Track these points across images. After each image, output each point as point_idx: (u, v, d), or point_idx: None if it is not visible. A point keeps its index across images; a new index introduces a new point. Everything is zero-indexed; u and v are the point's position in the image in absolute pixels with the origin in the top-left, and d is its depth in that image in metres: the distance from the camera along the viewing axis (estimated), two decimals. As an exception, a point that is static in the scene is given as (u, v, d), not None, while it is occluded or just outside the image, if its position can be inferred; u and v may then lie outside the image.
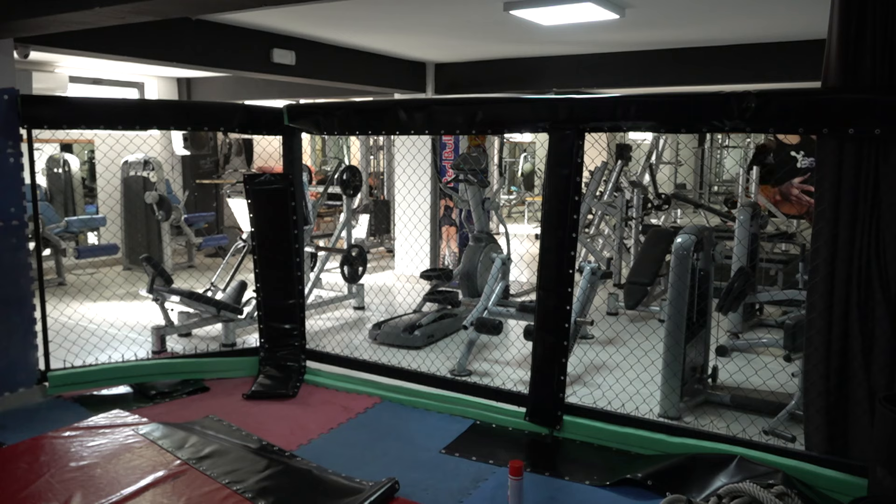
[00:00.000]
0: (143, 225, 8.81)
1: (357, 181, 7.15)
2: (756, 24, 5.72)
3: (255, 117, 4.85)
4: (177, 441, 3.67)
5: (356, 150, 12.26)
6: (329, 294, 7.15)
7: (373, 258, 9.56)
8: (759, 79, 6.51)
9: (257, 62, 6.20)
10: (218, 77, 9.16)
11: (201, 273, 8.22)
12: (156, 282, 5.72)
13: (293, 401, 4.49)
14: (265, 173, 4.98)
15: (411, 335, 5.64)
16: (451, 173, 7.35)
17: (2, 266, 4.18)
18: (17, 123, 4.21)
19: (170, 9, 3.62)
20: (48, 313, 4.56)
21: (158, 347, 5.50)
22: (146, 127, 4.71)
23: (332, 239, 7.44)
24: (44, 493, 3.15)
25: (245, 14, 5.37)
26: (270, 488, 3.21)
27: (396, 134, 4.50)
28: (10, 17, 3.67)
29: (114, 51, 5.18)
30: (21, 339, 4.33)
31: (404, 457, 3.68)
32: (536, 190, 15.71)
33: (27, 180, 4.31)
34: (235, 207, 8.37)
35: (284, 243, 4.85)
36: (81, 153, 9.55)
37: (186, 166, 10.30)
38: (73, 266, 8.68)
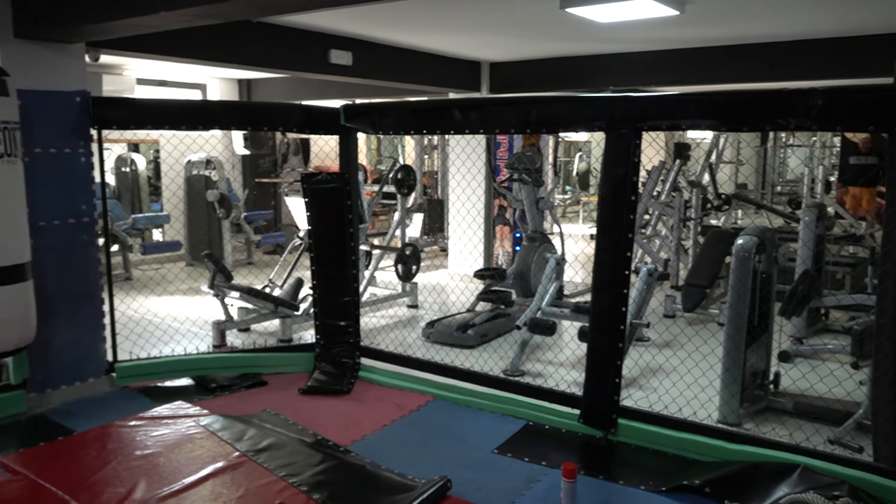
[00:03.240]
0: (205, 222, 9.06)
1: (411, 180, 7.20)
2: (821, 19, 5.52)
3: (312, 117, 4.93)
4: (236, 433, 3.77)
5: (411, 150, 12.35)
6: (383, 292, 7.22)
7: (426, 257, 9.60)
8: (823, 75, 6.27)
9: (315, 63, 6.30)
10: (277, 78, 9.35)
11: (260, 270, 8.41)
12: (216, 278, 5.89)
13: (347, 397, 4.55)
14: (322, 172, 5.06)
15: (464, 334, 5.65)
16: (505, 173, 7.33)
17: (73, 261, 4.36)
18: (89, 124, 4.39)
19: (232, 12, 3.71)
20: (115, 307, 4.74)
21: (219, 342, 5.65)
22: (208, 127, 4.86)
23: (386, 237, 7.51)
24: (111, 479, 3.27)
25: (304, 16, 5.46)
26: (325, 482, 3.27)
27: (451, 133, 4.52)
28: (82, 22, 3.83)
29: (178, 53, 5.34)
30: (90, 331, 4.52)
31: (457, 456, 3.68)
32: (592, 189, 15.51)
33: (97, 179, 4.50)
34: (293, 206, 8.54)
35: (340, 241, 4.92)
36: (147, 153, 9.88)
37: (246, 165, 10.55)
38: (139, 262, 9.00)
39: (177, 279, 7.90)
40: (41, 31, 4.03)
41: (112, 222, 7.86)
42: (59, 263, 4.28)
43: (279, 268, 7.05)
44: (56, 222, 4.24)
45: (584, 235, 11.48)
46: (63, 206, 4.28)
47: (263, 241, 9.49)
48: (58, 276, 4.27)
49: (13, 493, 3.18)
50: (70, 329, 4.38)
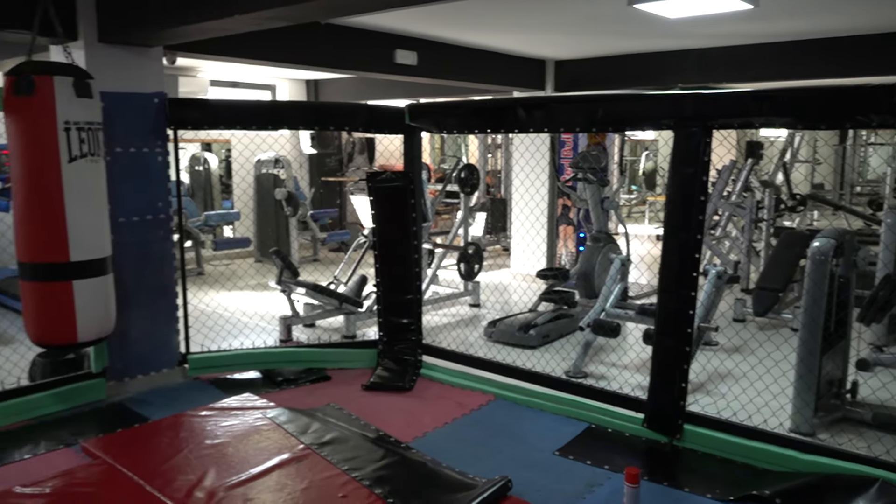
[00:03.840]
0: (273, 220, 9.30)
1: (475, 179, 7.20)
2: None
3: (377, 117, 4.99)
4: (301, 426, 3.85)
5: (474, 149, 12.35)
6: (445, 291, 7.25)
7: (489, 256, 9.59)
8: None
9: (381, 63, 6.38)
10: (343, 78, 9.50)
11: (325, 267, 8.57)
12: (284, 274, 6.03)
13: (409, 394, 4.59)
14: (386, 171, 5.12)
15: (526, 334, 5.62)
16: (569, 172, 7.25)
17: (150, 256, 4.55)
18: (165, 124, 4.57)
19: (302, 14, 3.79)
20: (188, 301, 4.92)
21: (285, 336, 5.79)
22: (277, 127, 4.98)
23: (449, 236, 7.54)
24: (183, 466, 3.40)
25: (370, 17, 5.53)
26: (387, 478, 3.31)
27: (515, 132, 4.52)
28: (161, 27, 3.99)
29: (249, 55, 5.49)
30: (165, 323, 4.70)
31: (517, 456, 3.67)
32: (658, 189, 15.17)
33: (173, 177, 4.68)
34: (358, 204, 8.67)
35: (404, 240, 4.97)
36: (219, 152, 10.20)
37: (313, 164, 10.77)
38: (211, 257, 9.30)
39: (246, 275, 8.14)
40: (123, 36, 4.22)
41: (186, 219, 8.16)
42: (137, 258, 4.47)
43: (344, 265, 7.17)
44: (135, 219, 4.44)
45: (650, 236, 11.25)
46: (141, 204, 4.47)
47: (329, 239, 9.67)
48: (135, 270, 4.46)
49: (93, 477, 3.34)
50: (146, 321, 4.57)
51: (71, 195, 3.66)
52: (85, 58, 4.17)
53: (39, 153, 3.61)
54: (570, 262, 8.06)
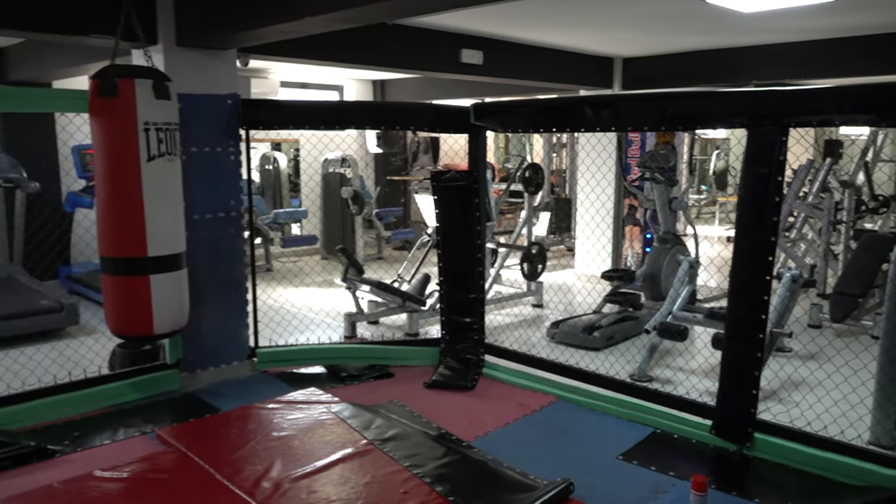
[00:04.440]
0: (339, 218, 9.47)
1: (539, 179, 7.15)
2: None
3: (442, 116, 5.02)
4: (364, 421, 3.91)
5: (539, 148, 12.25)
6: (508, 290, 7.23)
7: (553, 256, 9.50)
8: None
9: (446, 63, 6.40)
10: (409, 78, 9.58)
11: (389, 265, 8.68)
12: (349, 271, 6.14)
13: (471, 393, 4.60)
14: (451, 170, 5.13)
15: (590, 336, 5.54)
16: (636, 171, 7.10)
17: (222, 252, 4.70)
18: (238, 125, 4.71)
19: (370, 15, 3.84)
20: (257, 296, 5.06)
21: (349, 333, 5.89)
22: (344, 127, 5.07)
23: (512, 236, 7.51)
24: (251, 457, 3.50)
25: (436, 17, 5.56)
26: (448, 476, 3.32)
27: (581, 131, 4.46)
28: (234, 30, 4.12)
29: (318, 56, 5.61)
30: (236, 318, 4.85)
31: (579, 459, 3.63)
32: (730, 189, 14.71)
33: (244, 176, 4.82)
34: (422, 203, 8.73)
35: (467, 239, 4.98)
36: (288, 151, 10.45)
37: (378, 163, 10.91)
38: (279, 254, 9.55)
39: (312, 272, 8.32)
40: (199, 39, 4.37)
41: (256, 217, 8.40)
42: (210, 254, 4.62)
43: (407, 263, 7.24)
44: (208, 216, 4.59)
45: (720, 237, 10.93)
46: (214, 201, 4.63)
47: (393, 237, 9.78)
48: (208, 265, 4.61)
49: (167, 464, 3.48)
50: (218, 315, 4.73)
51: (149, 193, 3.82)
52: (164, 61, 4.34)
53: (121, 152, 3.78)
54: (636, 264, 7.90)
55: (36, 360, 4.79)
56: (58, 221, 7.12)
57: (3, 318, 5.53)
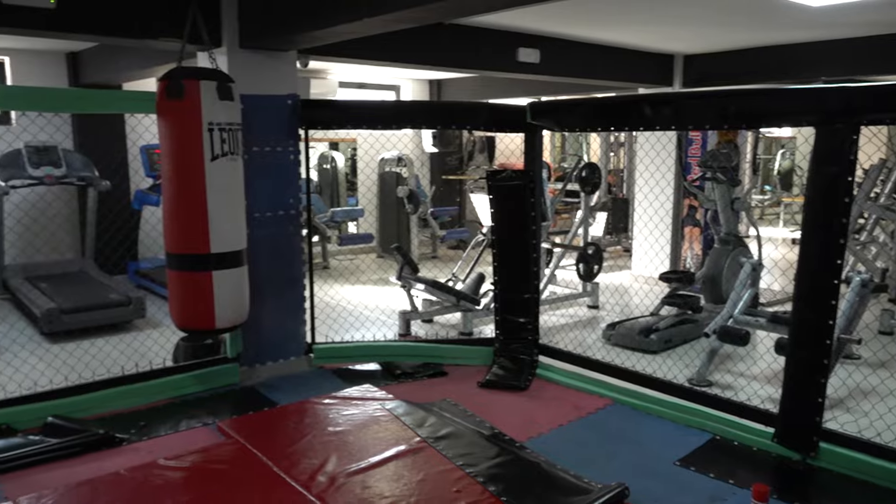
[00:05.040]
0: (395, 217, 9.55)
1: (596, 178, 7.06)
2: None
3: (499, 115, 5.00)
4: (417, 419, 3.94)
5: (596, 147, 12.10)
6: (563, 291, 7.16)
7: (609, 257, 9.37)
8: None
9: (503, 62, 6.38)
10: (465, 77, 9.58)
11: (444, 264, 8.70)
12: (404, 270, 6.18)
13: (524, 393, 4.58)
14: (506, 170, 5.12)
15: (647, 338, 5.44)
16: (697, 171, 6.94)
17: (280, 250, 4.80)
18: (298, 125, 4.81)
19: (427, 15, 3.86)
20: (314, 293, 5.15)
21: (404, 331, 5.94)
22: (401, 126, 5.11)
23: (568, 236, 7.44)
24: (307, 451, 3.57)
25: (493, 16, 5.55)
26: (501, 476, 3.31)
27: (640, 130, 4.38)
28: (295, 31, 4.20)
29: (375, 57, 5.66)
30: (294, 314, 4.95)
31: (635, 463, 3.57)
32: (795, 190, 14.21)
33: (303, 175, 4.91)
34: (477, 202, 8.73)
35: (522, 239, 4.95)
36: (346, 151, 10.59)
37: (434, 163, 10.96)
38: (336, 252, 9.69)
39: (368, 270, 8.42)
40: (262, 42, 4.47)
41: (314, 215, 8.54)
42: (269, 251, 4.73)
43: (462, 262, 7.24)
44: (268, 214, 4.70)
45: (784, 239, 10.58)
46: (274, 200, 4.73)
47: (448, 236, 9.81)
48: (268, 262, 4.72)
49: (227, 455, 3.57)
50: (276, 311, 4.83)
51: (213, 191, 3.93)
52: (227, 63, 4.46)
53: (186, 152, 3.90)
54: (695, 266, 7.72)
55: (105, 351, 4.99)
56: (126, 218, 7.40)
57: (76, 310, 5.79)
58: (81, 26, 4.04)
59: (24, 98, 4.19)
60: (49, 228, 7.34)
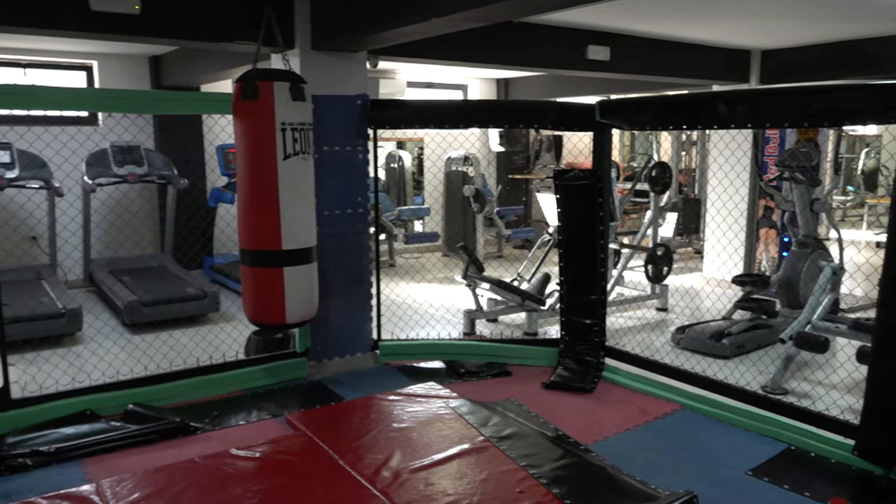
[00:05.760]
0: (461, 216, 9.57)
1: (667, 178, 6.90)
2: None
3: (567, 114, 4.95)
4: (481, 418, 3.94)
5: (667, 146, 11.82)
6: (631, 293, 7.03)
7: (679, 259, 9.13)
8: None
9: (572, 60, 6.31)
10: (533, 76, 9.52)
11: (509, 263, 8.67)
12: (469, 269, 6.19)
13: (590, 396, 4.52)
14: (574, 169, 5.06)
15: (718, 343, 5.28)
16: (773, 170, 6.69)
17: (349, 247, 4.89)
18: (367, 124, 4.88)
19: (496, 14, 3.86)
20: (381, 290, 5.21)
21: (468, 329, 5.95)
22: (468, 125, 5.12)
23: (636, 237, 7.30)
24: (372, 446, 3.62)
25: (561, 14, 5.50)
26: (564, 478, 3.28)
27: (713, 128, 4.24)
28: (365, 33, 4.26)
29: (443, 56, 5.69)
30: (360, 311, 5.03)
31: (705, 471, 3.47)
32: (881, 191, 13.51)
33: (371, 174, 4.98)
34: (543, 202, 8.66)
35: (589, 239, 4.89)
36: (413, 150, 10.68)
37: (500, 162, 10.93)
38: (402, 250, 9.79)
39: (434, 268, 8.47)
40: (333, 43, 4.56)
41: (381, 213, 8.65)
42: (338, 249, 4.82)
43: (528, 262, 7.20)
44: (337, 212, 4.79)
45: (868, 242, 10.08)
46: (343, 198, 4.82)
47: (514, 236, 9.77)
48: (336, 260, 4.81)
49: (295, 447, 3.67)
50: (344, 308, 4.92)
51: (284, 190, 4.04)
52: (300, 64, 4.57)
53: (259, 151, 4.02)
54: (770, 269, 7.44)
55: (182, 342, 5.20)
56: (203, 215, 7.68)
57: (155, 303, 6.05)
58: (164, 31, 4.23)
59: (112, 100, 4.39)
60: (132, 224, 7.70)
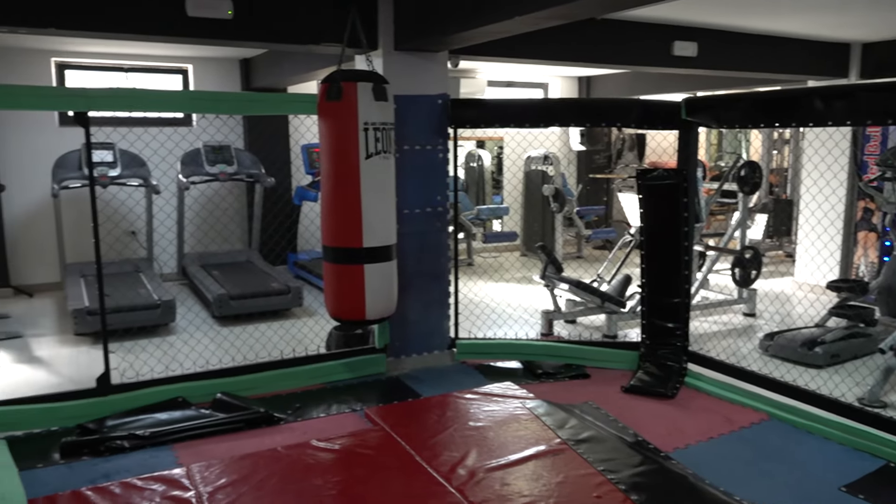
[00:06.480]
0: (540, 215, 9.50)
1: (756, 178, 6.63)
2: None
3: (651, 112, 4.84)
4: (558, 420, 3.90)
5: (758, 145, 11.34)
6: (717, 297, 6.78)
7: (769, 262, 8.76)
8: None
9: (657, 56, 6.15)
10: (615, 74, 9.34)
11: (589, 264, 8.54)
12: (548, 269, 6.14)
13: (671, 402, 4.39)
14: (658, 168, 4.93)
15: (811, 351, 5.03)
16: (874, 170, 6.31)
17: (428, 245, 4.94)
18: (447, 124, 4.91)
19: (579, 11, 3.80)
20: (459, 289, 5.24)
21: (546, 330, 5.90)
22: (549, 124, 5.08)
23: (723, 239, 7.04)
24: (448, 443, 3.64)
25: (646, 9, 5.36)
26: (644, 485, 3.21)
27: (808, 126, 4.04)
28: (447, 33, 4.29)
29: (525, 55, 5.66)
30: (438, 309, 5.07)
31: (794, 486, 3.32)
32: None
33: (450, 173, 5.01)
34: (625, 202, 8.47)
35: (673, 240, 4.76)
36: (492, 149, 10.67)
37: (581, 161, 10.78)
38: (481, 249, 9.81)
39: (512, 268, 8.44)
40: (415, 44, 4.61)
41: (460, 212, 8.68)
42: (417, 247, 4.87)
43: (608, 263, 7.07)
44: (416, 210, 4.84)
45: (981, 248, 9.36)
46: (423, 197, 4.87)
47: (594, 236, 9.62)
48: (415, 258, 4.87)
49: (373, 441, 3.73)
50: (423, 306, 4.97)
51: (366, 188, 4.11)
52: (383, 65, 4.65)
53: (342, 151, 4.11)
54: (869, 274, 7.03)
55: (267, 335, 5.38)
56: (288, 213, 7.93)
57: (242, 297, 6.29)
58: (255, 34, 4.39)
59: (206, 102, 4.60)
60: (221, 221, 8.03)
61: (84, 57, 7.59)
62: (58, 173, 6.76)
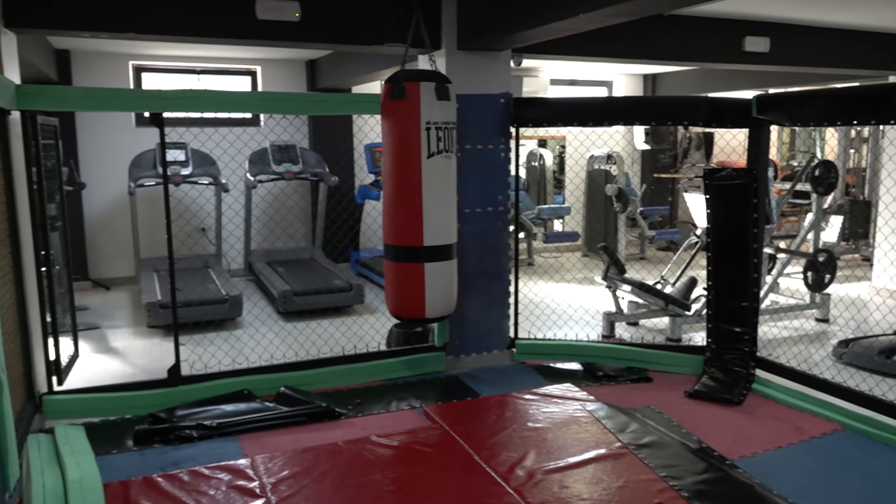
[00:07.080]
0: (602, 215, 9.36)
1: (832, 178, 6.36)
2: None
3: (720, 110, 4.70)
4: (619, 424, 3.84)
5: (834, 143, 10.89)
6: (787, 301, 6.55)
7: (844, 266, 8.39)
8: None
9: (726, 52, 5.98)
10: (682, 71, 9.12)
11: (652, 265, 8.36)
12: (610, 270, 6.05)
13: (737, 408, 4.26)
14: (726, 168, 4.79)
15: (889, 360, 4.80)
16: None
17: (489, 244, 4.93)
18: (509, 123, 4.90)
19: (646, 8, 3.73)
20: (519, 289, 5.22)
21: (607, 332, 5.81)
22: (612, 123, 4.99)
23: (795, 241, 6.79)
24: (506, 443, 3.63)
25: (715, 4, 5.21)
26: (708, 493, 3.12)
27: (890, 123, 3.85)
28: (510, 31, 4.27)
29: (589, 53, 5.58)
30: (498, 308, 5.06)
31: (868, 500, 3.17)
32: None
33: (512, 172, 4.99)
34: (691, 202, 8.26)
35: (742, 242, 4.61)
36: (554, 148, 10.57)
37: (645, 160, 10.57)
38: (542, 249, 9.74)
39: (573, 268, 8.35)
40: (477, 43, 4.62)
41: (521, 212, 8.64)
42: (478, 246, 4.87)
43: (672, 265, 6.92)
44: (478, 210, 4.85)
45: None
46: (484, 196, 4.87)
47: (658, 237, 9.42)
48: (475, 257, 4.87)
49: (431, 438, 3.76)
50: (482, 305, 4.97)
51: (428, 187, 4.14)
52: (445, 64, 4.67)
53: (405, 150, 4.15)
54: (955, 280, 6.65)
55: (329, 332, 5.48)
56: (351, 211, 8.06)
57: (306, 293, 6.42)
58: (321, 36, 4.48)
59: (274, 102, 4.71)
60: (287, 219, 8.22)
61: (159, 60, 7.90)
62: (134, 172, 7.05)
